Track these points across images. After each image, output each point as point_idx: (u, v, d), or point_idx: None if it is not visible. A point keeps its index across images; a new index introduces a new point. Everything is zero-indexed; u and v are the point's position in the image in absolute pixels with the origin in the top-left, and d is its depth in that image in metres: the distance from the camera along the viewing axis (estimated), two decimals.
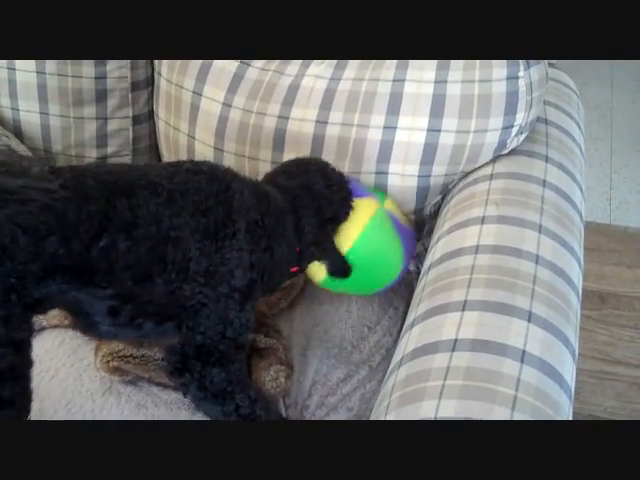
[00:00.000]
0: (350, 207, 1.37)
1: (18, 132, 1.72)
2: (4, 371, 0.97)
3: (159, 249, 1.08)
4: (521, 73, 1.34)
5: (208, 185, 1.16)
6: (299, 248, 1.28)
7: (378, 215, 1.39)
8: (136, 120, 1.73)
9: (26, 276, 0.98)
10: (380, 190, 1.46)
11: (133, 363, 1.30)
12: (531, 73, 1.35)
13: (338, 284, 1.40)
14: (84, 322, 1.13)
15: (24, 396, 1.02)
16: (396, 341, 1.36)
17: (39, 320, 1.38)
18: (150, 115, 1.74)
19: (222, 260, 1.13)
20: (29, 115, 1.70)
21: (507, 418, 0.93)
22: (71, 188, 1.01)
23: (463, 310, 1.09)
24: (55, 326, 1.39)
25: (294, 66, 1.51)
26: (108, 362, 1.30)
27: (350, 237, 1.36)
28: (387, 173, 1.44)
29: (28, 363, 1.03)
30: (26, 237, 0.95)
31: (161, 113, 1.69)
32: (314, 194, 1.31)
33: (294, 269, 1.31)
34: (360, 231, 1.37)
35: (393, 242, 1.41)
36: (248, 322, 1.18)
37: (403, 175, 1.44)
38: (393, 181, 1.45)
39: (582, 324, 1.16)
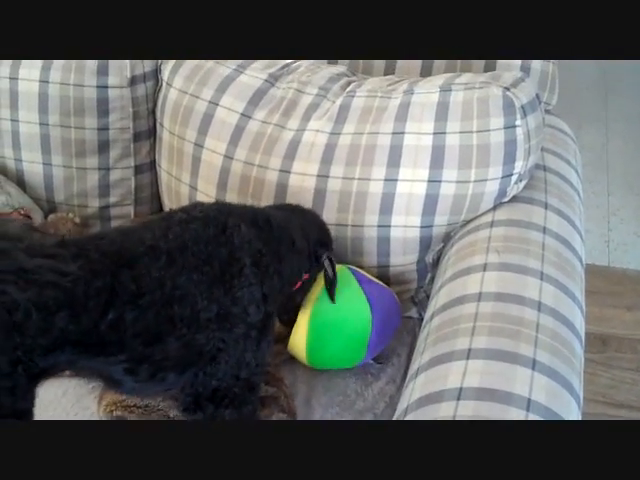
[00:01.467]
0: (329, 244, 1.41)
1: (21, 182, 1.74)
2: None
3: (166, 311, 1.08)
4: (518, 122, 1.36)
5: (204, 230, 1.15)
6: (309, 251, 1.32)
7: (339, 271, 1.40)
8: (138, 170, 1.75)
9: (34, 349, 0.97)
10: (383, 242, 1.48)
11: (136, 413, 1.30)
12: (528, 121, 1.37)
13: (321, 359, 1.42)
14: (108, 383, 1.14)
15: None
16: (399, 388, 1.36)
17: None
18: (152, 165, 1.76)
19: (233, 301, 1.13)
20: (32, 166, 1.72)
21: None
22: (78, 263, 1.02)
23: (467, 358, 1.09)
24: (58, 376, 1.39)
25: (295, 120, 1.53)
26: (111, 412, 1.30)
27: (310, 301, 1.39)
28: (390, 226, 1.46)
29: None
30: (37, 314, 0.95)
31: (163, 164, 1.70)
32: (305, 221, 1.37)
33: (306, 276, 1.34)
34: (318, 292, 1.39)
35: (356, 295, 1.40)
36: (264, 361, 1.19)
37: (405, 227, 1.45)
38: (396, 233, 1.46)
39: (584, 367, 1.17)
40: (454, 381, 1.07)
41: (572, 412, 1.05)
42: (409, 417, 1.07)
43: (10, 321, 0.93)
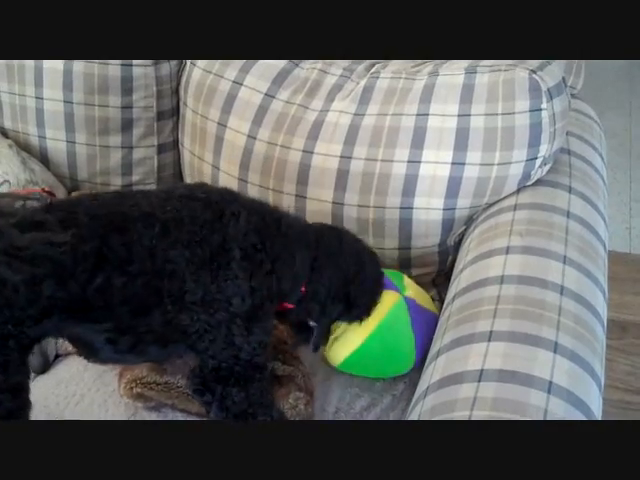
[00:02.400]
0: (373, 306, 1.32)
1: (45, 159, 1.75)
2: (1, 418, 0.98)
3: (155, 282, 1.06)
4: (544, 105, 1.35)
5: (203, 212, 1.13)
6: (305, 289, 1.23)
7: (397, 308, 1.36)
8: (161, 149, 1.75)
9: (24, 321, 0.98)
10: (405, 224, 1.47)
11: (156, 390, 1.31)
12: (554, 104, 1.36)
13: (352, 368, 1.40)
14: (85, 350, 1.14)
15: None
16: (419, 369, 1.36)
17: (65, 346, 1.39)
18: (175, 144, 1.76)
19: (218, 289, 1.11)
20: (56, 143, 1.73)
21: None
22: (65, 227, 1.00)
23: (489, 341, 1.09)
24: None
25: (318, 101, 1.53)
26: (131, 389, 1.31)
27: (366, 329, 1.35)
28: (412, 208, 1.45)
29: (26, 405, 1.04)
30: (25, 287, 0.95)
31: (186, 143, 1.71)
32: (345, 276, 1.25)
33: (290, 306, 1.25)
34: (376, 324, 1.35)
35: (407, 339, 1.37)
36: (261, 344, 1.17)
37: (428, 209, 1.44)
38: (418, 215, 1.46)
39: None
40: (475, 363, 1.07)
41: (593, 396, 1.05)
42: (429, 398, 1.07)
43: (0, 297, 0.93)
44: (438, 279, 1.56)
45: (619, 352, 2.17)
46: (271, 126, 1.53)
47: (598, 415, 1.04)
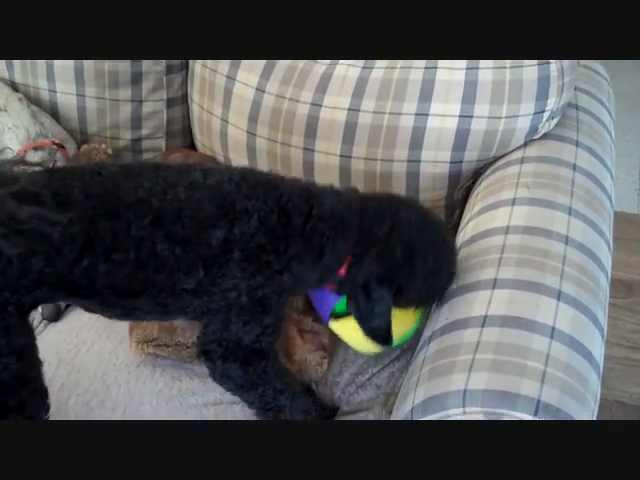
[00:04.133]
0: (430, 298, 1.22)
1: (55, 113, 1.76)
2: (8, 381, 1.00)
3: (139, 273, 1.03)
4: None
5: (208, 204, 1.05)
6: (345, 273, 1.14)
7: None
8: (170, 103, 1.76)
9: (18, 289, 0.99)
10: (413, 177, 1.47)
11: (167, 352, 1.33)
12: None
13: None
14: (86, 310, 1.14)
15: (36, 397, 1.05)
16: (425, 322, 1.37)
17: None
18: (184, 98, 1.77)
19: (212, 282, 1.06)
20: (66, 97, 1.74)
21: (536, 392, 0.94)
22: (58, 203, 0.98)
23: (494, 288, 1.11)
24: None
25: None
26: (143, 349, 1.33)
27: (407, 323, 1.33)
28: (419, 161, 1.46)
29: (36, 365, 1.06)
30: (18, 259, 0.96)
31: (195, 97, 1.71)
32: (390, 263, 1.13)
33: (331, 286, 1.20)
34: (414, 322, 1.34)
35: None
36: (264, 335, 1.12)
37: (435, 162, 1.45)
38: (425, 168, 1.46)
39: (609, 312, 1.17)
40: (479, 309, 1.08)
41: (596, 342, 1.06)
42: (433, 343, 1.09)
43: None
44: None
45: (625, 310, 2.18)
46: (279, 79, 1.54)
47: (600, 362, 1.06)
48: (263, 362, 1.15)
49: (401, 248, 1.12)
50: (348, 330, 1.34)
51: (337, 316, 1.35)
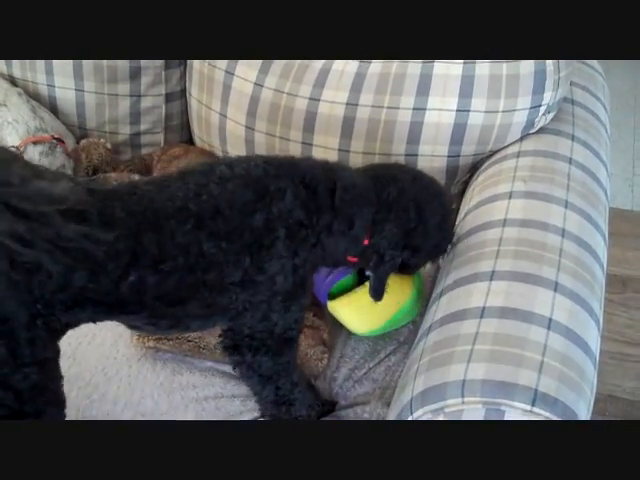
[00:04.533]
0: (440, 250, 1.29)
1: (54, 108, 1.77)
2: (27, 389, 1.00)
3: (189, 277, 1.05)
4: None
5: (242, 193, 1.08)
6: (368, 242, 1.18)
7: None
8: (169, 98, 1.77)
9: (54, 304, 0.99)
10: None
11: (167, 345, 1.34)
12: None
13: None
14: (129, 327, 1.16)
15: (52, 407, 1.05)
16: (422, 314, 1.38)
17: None
18: (183, 93, 1.78)
19: (260, 269, 1.08)
20: (65, 92, 1.75)
21: (534, 381, 0.95)
22: (101, 222, 0.99)
23: (491, 280, 1.12)
24: None
25: None
26: (144, 342, 1.34)
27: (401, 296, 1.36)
28: (417, 155, 1.47)
29: (56, 377, 1.06)
30: (57, 273, 0.95)
31: (194, 91, 1.72)
32: (406, 224, 1.19)
33: (353, 259, 1.22)
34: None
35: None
36: (297, 321, 1.16)
37: (433, 156, 1.46)
38: (423, 162, 1.47)
39: (603, 307, 1.19)
40: (477, 300, 1.09)
41: (592, 333, 1.07)
42: (432, 334, 1.10)
43: (31, 278, 0.94)
44: None
45: (619, 306, 2.20)
46: (278, 73, 1.55)
47: (596, 352, 1.07)
48: (292, 351, 1.19)
49: (413, 208, 1.19)
50: (346, 309, 1.37)
51: (334, 297, 1.38)
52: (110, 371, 1.33)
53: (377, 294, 1.24)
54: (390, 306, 1.34)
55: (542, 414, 0.93)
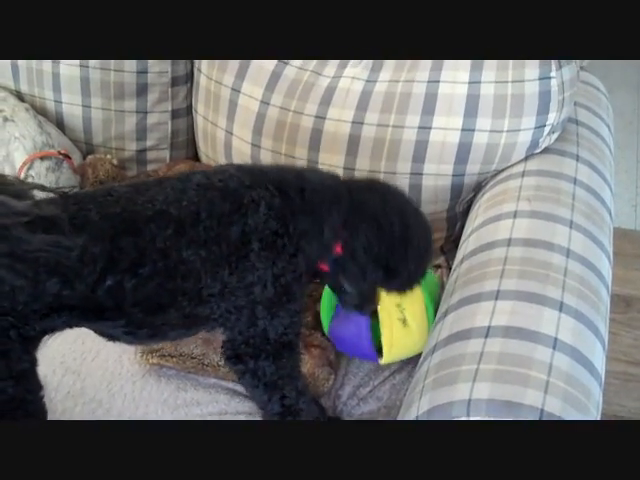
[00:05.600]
0: (418, 277, 1.22)
1: (60, 124, 1.78)
2: (3, 403, 0.99)
3: (168, 284, 1.03)
4: (553, 73, 1.37)
5: (220, 204, 1.07)
6: (341, 250, 1.14)
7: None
8: (175, 114, 1.78)
9: (27, 314, 0.97)
10: (415, 190, 1.49)
11: (171, 362, 1.34)
12: (563, 73, 1.38)
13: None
14: (104, 337, 1.13)
15: (32, 419, 1.03)
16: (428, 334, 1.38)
17: None
18: (189, 110, 1.79)
19: (238, 280, 1.08)
20: (72, 108, 1.76)
21: (540, 401, 0.95)
22: (75, 225, 0.98)
23: (496, 299, 1.12)
24: None
25: (331, 67, 1.55)
26: (148, 360, 1.34)
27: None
28: (422, 174, 1.47)
29: (33, 389, 1.04)
30: (26, 282, 0.93)
31: (200, 108, 1.73)
32: (385, 236, 1.15)
33: (324, 267, 1.18)
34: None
35: None
36: (289, 326, 1.14)
37: (437, 175, 1.47)
38: (427, 181, 1.48)
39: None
40: (482, 320, 1.10)
41: (597, 353, 1.08)
42: (437, 354, 1.10)
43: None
44: (446, 246, 1.59)
45: (623, 325, 2.19)
46: (284, 92, 1.55)
47: (601, 372, 1.07)
48: (293, 354, 1.17)
49: (397, 220, 1.15)
50: (398, 352, 1.35)
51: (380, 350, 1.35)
52: (114, 387, 1.33)
53: (360, 309, 1.23)
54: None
55: None
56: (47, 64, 1.72)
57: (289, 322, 1.14)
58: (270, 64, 1.58)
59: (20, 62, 1.76)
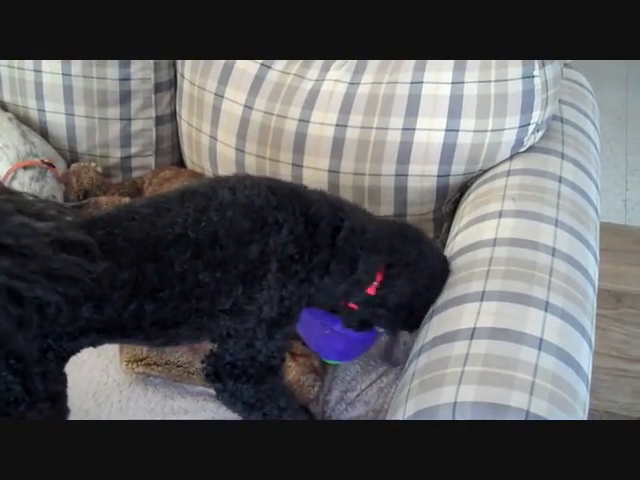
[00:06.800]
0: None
1: (44, 132, 1.77)
2: None
3: (184, 305, 1.06)
4: (536, 72, 1.36)
5: (241, 222, 1.07)
6: (375, 292, 1.18)
7: None
8: (159, 121, 1.77)
9: (62, 336, 1.00)
10: (400, 191, 1.49)
11: (157, 371, 1.34)
12: (546, 71, 1.37)
13: None
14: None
15: None
16: (414, 336, 1.38)
17: None
18: (173, 116, 1.78)
19: (250, 299, 1.08)
20: (55, 116, 1.75)
21: (525, 403, 0.95)
22: (105, 251, 0.99)
23: (481, 300, 1.12)
24: None
25: (314, 70, 1.54)
26: (133, 369, 1.33)
27: None
28: (407, 175, 1.47)
29: (65, 410, 1.07)
30: (67, 306, 0.95)
31: (184, 114, 1.72)
32: (416, 287, 1.21)
33: (353, 306, 1.22)
34: None
35: None
36: (280, 350, 1.15)
37: (422, 176, 1.46)
38: (413, 182, 1.48)
39: (598, 323, 1.18)
40: (468, 321, 1.09)
41: (583, 353, 1.07)
42: (423, 356, 1.10)
43: (42, 314, 0.94)
44: None
45: (614, 321, 2.19)
46: (267, 96, 1.55)
47: (588, 372, 1.07)
48: (275, 379, 1.17)
49: (426, 272, 1.21)
50: None
51: None
52: (100, 397, 1.32)
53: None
54: None
55: None
56: (29, 73, 1.71)
57: (282, 345, 1.15)
58: (253, 68, 1.57)
59: (2, 71, 1.75)
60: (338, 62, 1.52)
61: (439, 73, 1.41)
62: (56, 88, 1.71)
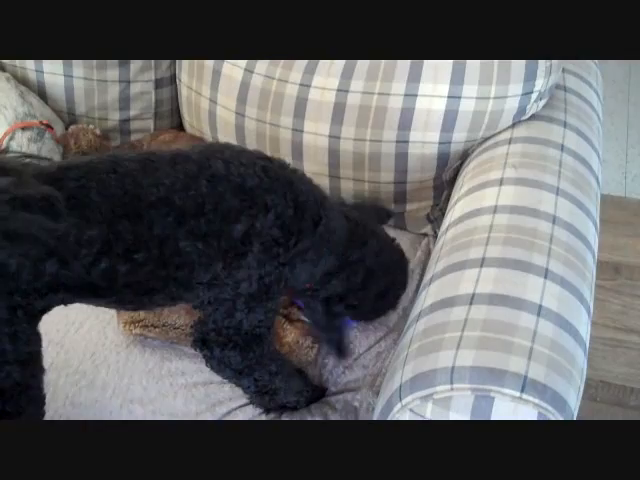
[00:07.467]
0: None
1: (42, 94, 1.75)
2: (9, 388, 0.98)
3: (161, 271, 1.03)
4: None
5: (231, 198, 1.06)
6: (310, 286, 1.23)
7: None
8: (158, 84, 1.76)
9: (30, 293, 0.97)
10: (401, 158, 1.48)
11: (154, 332, 1.34)
12: None
13: None
14: (94, 304, 1.15)
15: (33, 405, 1.03)
16: (412, 302, 1.38)
17: None
18: (172, 79, 1.76)
19: (228, 275, 1.08)
20: (54, 77, 1.73)
21: (523, 368, 0.95)
22: (74, 206, 0.96)
23: (481, 266, 1.11)
24: None
25: None
26: (131, 330, 1.33)
27: None
28: (408, 141, 1.46)
29: (37, 374, 1.04)
30: (29, 262, 0.93)
31: (183, 77, 1.71)
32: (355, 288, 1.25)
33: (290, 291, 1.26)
34: None
35: None
36: (263, 321, 1.15)
37: (424, 143, 1.45)
38: (414, 149, 1.47)
39: (596, 294, 1.18)
40: (467, 287, 1.09)
41: (582, 320, 1.07)
42: (422, 321, 1.10)
43: (3, 271, 0.91)
44: (433, 214, 1.58)
45: (611, 292, 2.20)
46: (268, 60, 1.53)
47: (586, 339, 1.07)
48: (261, 346, 1.17)
49: (362, 274, 1.23)
50: None
51: None
52: (98, 358, 1.32)
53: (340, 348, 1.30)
54: None
55: (531, 401, 0.93)
56: None
57: (264, 317, 1.15)
58: None
59: None
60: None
61: None
62: None
